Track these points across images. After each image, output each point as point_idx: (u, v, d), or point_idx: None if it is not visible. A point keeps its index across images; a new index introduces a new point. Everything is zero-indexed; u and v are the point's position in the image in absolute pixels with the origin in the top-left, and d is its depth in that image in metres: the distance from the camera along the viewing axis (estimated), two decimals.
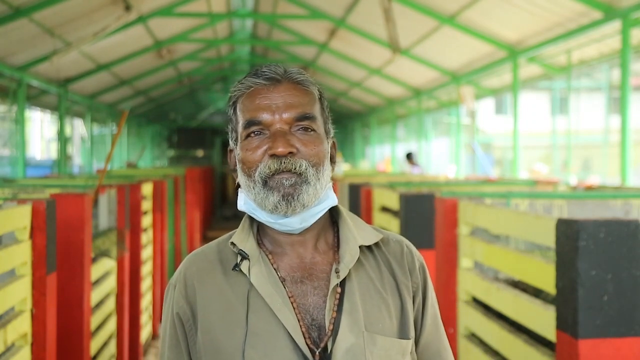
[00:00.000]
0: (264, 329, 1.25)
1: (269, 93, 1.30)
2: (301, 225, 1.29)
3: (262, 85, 1.30)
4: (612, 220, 1.94)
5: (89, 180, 5.41)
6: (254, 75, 1.32)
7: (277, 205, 1.26)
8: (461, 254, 2.99)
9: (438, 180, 6.78)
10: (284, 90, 1.30)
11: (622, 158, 6.05)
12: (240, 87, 1.33)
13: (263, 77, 1.31)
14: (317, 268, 1.31)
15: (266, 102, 1.29)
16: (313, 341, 1.25)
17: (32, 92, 10.61)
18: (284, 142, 1.26)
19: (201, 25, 11.82)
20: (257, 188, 1.27)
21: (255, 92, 1.31)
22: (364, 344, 1.26)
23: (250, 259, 1.29)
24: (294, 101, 1.29)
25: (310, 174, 1.27)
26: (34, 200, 2.55)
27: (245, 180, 1.30)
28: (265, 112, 1.28)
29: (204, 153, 23.67)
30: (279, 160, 1.25)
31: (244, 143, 1.30)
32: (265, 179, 1.26)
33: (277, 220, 1.29)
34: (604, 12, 6.33)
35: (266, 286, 1.27)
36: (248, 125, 1.29)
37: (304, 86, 1.32)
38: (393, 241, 1.39)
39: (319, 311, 1.27)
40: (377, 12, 8.72)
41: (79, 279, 3.26)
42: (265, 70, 1.32)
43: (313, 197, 1.27)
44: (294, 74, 1.32)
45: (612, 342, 1.91)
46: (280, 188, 1.25)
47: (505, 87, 10.99)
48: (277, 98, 1.29)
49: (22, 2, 7.03)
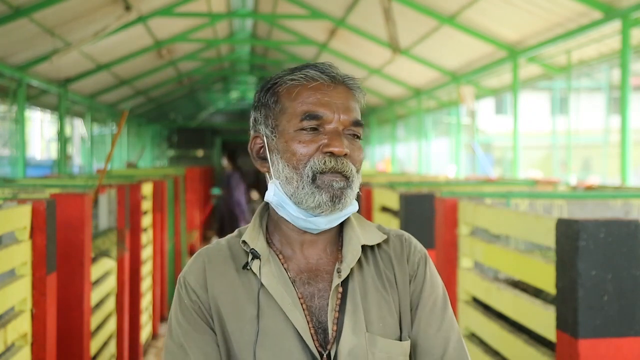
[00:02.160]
0: (274, 329, 1.25)
1: (330, 91, 1.29)
2: (327, 226, 1.30)
3: (324, 82, 1.29)
4: (612, 220, 1.94)
5: (89, 180, 5.41)
6: (313, 68, 1.31)
7: (322, 205, 1.25)
8: (461, 254, 2.99)
9: (438, 180, 6.78)
10: (342, 92, 1.30)
11: (622, 158, 6.05)
12: (298, 76, 1.30)
13: (326, 73, 1.30)
14: (322, 269, 1.32)
15: (327, 99, 1.28)
16: (320, 343, 1.25)
17: (32, 92, 10.61)
18: (342, 142, 1.26)
19: (201, 25, 11.81)
20: (304, 182, 1.26)
21: (316, 86, 1.29)
22: (366, 346, 1.26)
23: (261, 259, 1.29)
24: (351, 105, 1.30)
25: (354, 179, 1.28)
26: (34, 200, 2.55)
27: (289, 172, 1.28)
28: (327, 109, 1.27)
29: (204, 153, 23.66)
30: (335, 159, 1.25)
31: (295, 134, 1.28)
32: (315, 175, 1.25)
33: (307, 217, 1.28)
34: (604, 12, 6.33)
35: (277, 286, 1.27)
36: (305, 118, 1.27)
37: (356, 93, 1.33)
38: (394, 237, 1.39)
39: (324, 313, 1.27)
40: (377, 12, 8.72)
41: (79, 279, 3.26)
42: (324, 67, 1.31)
43: (350, 202, 1.29)
44: (349, 80, 1.33)
45: (612, 342, 1.91)
46: (329, 189, 1.25)
47: (505, 87, 10.99)
48: (338, 98, 1.29)
49: (22, 2, 7.03)
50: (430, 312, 1.33)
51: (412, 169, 15.67)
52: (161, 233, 6.55)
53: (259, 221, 1.35)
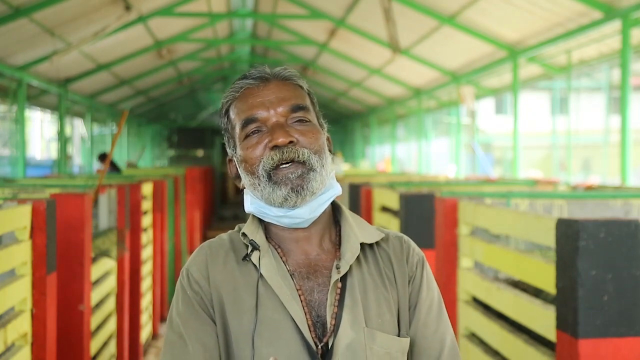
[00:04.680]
0: (272, 319, 1.27)
1: (260, 91, 1.33)
2: (310, 215, 1.31)
3: (252, 85, 1.34)
4: (612, 220, 1.94)
5: (89, 180, 5.41)
6: (242, 78, 1.36)
7: (287, 197, 1.27)
8: (461, 254, 2.99)
9: (438, 180, 6.78)
10: (274, 87, 1.33)
11: (622, 158, 6.05)
12: (231, 92, 1.36)
13: (251, 77, 1.34)
14: (321, 265, 1.33)
15: (259, 100, 1.32)
16: (317, 336, 1.27)
17: (32, 92, 10.61)
18: (283, 132, 1.28)
19: (201, 25, 11.82)
20: (263, 183, 1.29)
21: (246, 93, 1.33)
22: (364, 340, 1.27)
23: (260, 250, 1.31)
24: (286, 95, 1.32)
25: (314, 160, 1.29)
26: (34, 200, 2.55)
27: (250, 179, 1.32)
28: (260, 109, 1.31)
29: (204, 153, 23.66)
30: (280, 151, 1.27)
31: (244, 143, 1.32)
32: (269, 173, 1.28)
33: (286, 213, 1.30)
34: (604, 12, 6.33)
35: (275, 278, 1.29)
36: (245, 125, 1.32)
37: (292, 81, 1.35)
38: (393, 237, 1.41)
39: (323, 308, 1.29)
40: (377, 12, 8.72)
41: (79, 279, 3.26)
42: (253, 71, 1.35)
43: (320, 184, 1.30)
44: (281, 71, 1.35)
45: (612, 342, 1.91)
46: (287, 182, 1.27)
47: (505, 87, 10.99)
48: (269, 94, 1.32)
49: (22, 2, 7.03)
50: (427, 314, 1.35)
51: (412, 169, 15.66)
52: (161, 233, 6.55)
53: (258, 218, 1.37)
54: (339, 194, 1.36)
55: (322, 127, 1.36)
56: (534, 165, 20.43)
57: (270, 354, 1.24)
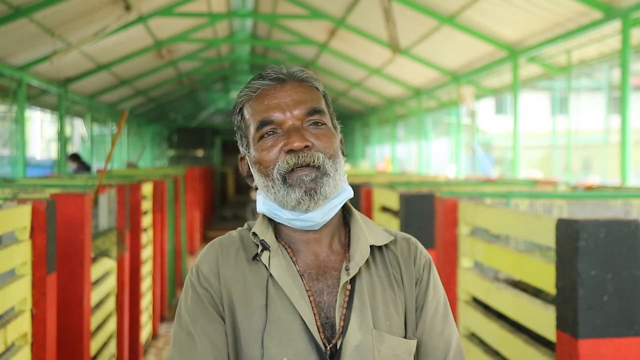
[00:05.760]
0: (281, 319, 1.27)
1: (277, 93, 1.32)
2: (322, 219, 1.31)
3: (269, 86, 1.33)
4: (612, 220, 1.94)
5: (89, 180, 5.41)
6: (258, 78, 1.34)
7: (300, 201, 1.27)
8: (461, 254, 2.99)
9: (438, 180, 6.78)
10: (290, 88, 1.32)
11: (622, 158, 6.05)
12: (247, 91, 1.34)
13: (268, 78, 1.33)
14: (330, 266, 1.33)
15: (275, 102, 1.31)
16: (326, 337, 1.27)
17: (32, 92, 10.61)
18: (299, 136, 1.28)
19: (201, 25, 11.81)
20: (277, 186, 1.29)
21: (262, 94, 1.32)
22: (373, 342, 1.28)
23: (270, 250, 1.31)
24: (302, 98, 1.32)
25: (328, 165, 1.29)
26: (34, 200, 2.55)
27: (264, 181, 1.31)
28: (276, 111, 1.30)
29: (204, 153, 23.67)
30: (296, 155, 1.27)
31: (259, 144, 1.31)
32: (284, 176, 1.28)
33: (298, 216, 1.30)
34: (604, 12, 6.33)
35: (285, 278, 1.29)
36: (260, 126, 1.31)
37: (308, 83, 1.35)
38: (401, 239, 1.42)
39: (332, 309, 1.29)
40: (377, 12, 8.72)
41: (79, 279, 3.26)
42: (270, 71, 1.34)
43: (334, 189, 1.30)
44: (297, 72, 1.35)
45: (612, 342, 1.91)
46: (301, 185, 1.27)
47: (505, 87, 10.99)
48: (285, 97, 1.31)
49: (22, 2, 7.02)
50: (433, 315, 1.36)
51: (412, 169, 15.66)
52: (161, 233, 6.55)
53: (268, 218, 1.37)
54: (350, 197, 1.36)
55: (336, 129, 1.36)
56: (534, 165, 20.44)
57: (280, 354, 1.25)
